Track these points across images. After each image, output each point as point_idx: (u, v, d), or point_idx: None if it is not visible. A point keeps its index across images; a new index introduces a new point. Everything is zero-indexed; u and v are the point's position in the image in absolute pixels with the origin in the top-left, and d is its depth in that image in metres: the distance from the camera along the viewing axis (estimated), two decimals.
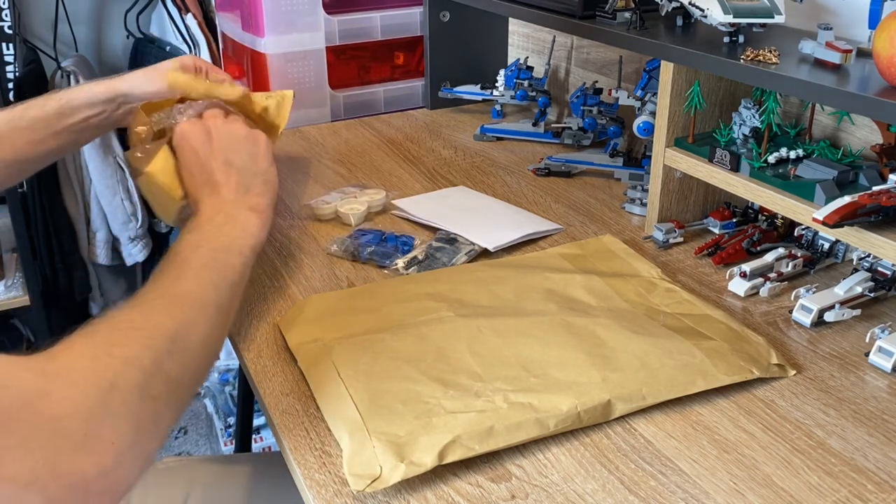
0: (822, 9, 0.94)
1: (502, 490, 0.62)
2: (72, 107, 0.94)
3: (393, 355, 0.73)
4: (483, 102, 1.47)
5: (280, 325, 0.81)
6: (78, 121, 0.95)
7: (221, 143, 0.85)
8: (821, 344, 0.79)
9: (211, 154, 0.84)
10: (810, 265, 0.92)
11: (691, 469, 0.63)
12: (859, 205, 0.75)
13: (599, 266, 0.90)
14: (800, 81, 0.78)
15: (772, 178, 0.86)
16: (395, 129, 1.40)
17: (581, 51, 1.40)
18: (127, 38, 2.21)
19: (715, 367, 0.72)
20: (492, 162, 1.26)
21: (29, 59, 2.02)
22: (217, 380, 2.09)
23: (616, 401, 0.68)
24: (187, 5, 1.95)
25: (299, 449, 0.66)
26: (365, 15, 1.44)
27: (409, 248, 0.96)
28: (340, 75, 1.47)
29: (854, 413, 0.70)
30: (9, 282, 2.03)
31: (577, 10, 1.04)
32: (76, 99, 0.95)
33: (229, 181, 0.83)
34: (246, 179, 0.84)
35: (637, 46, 0.96)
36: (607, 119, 1.23)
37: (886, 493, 0.61)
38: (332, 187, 1.15)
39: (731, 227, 0.98)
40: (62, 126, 0.94)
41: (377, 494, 0.61)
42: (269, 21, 1.37)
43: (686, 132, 0.97)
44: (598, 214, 1.08)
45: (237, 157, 0.85)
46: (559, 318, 0.79)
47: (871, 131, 0.93)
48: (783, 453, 0.65)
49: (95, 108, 0.96)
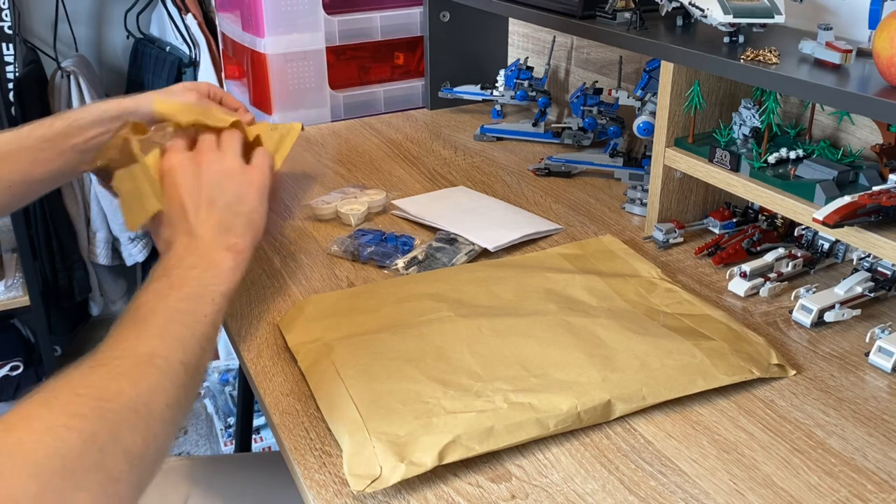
0: (822, 9, 0.94)
1: (502, 490, 0.62)
2: (79, 125, 0.92)
3: (393, 355, 0.73)
4: (483, 102, 1.47)
5: (280, 325, 0.81)
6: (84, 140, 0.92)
7: (210, 180, 0.80)
8: (821, 344, 0.79)
9: (196, 192, 0.79)
10: (810, 265, 0.92)
11: (691, 469, 0.63)
12: (859, 205, 0.75)
13: (599, 266, 0.90)
14: (800, 81, 0.78)
15: (772, 178, 0.86)
16: (395, 129, 1.40)
17: (581, 51, 1.40)
18: (127, 38, 2.21)
19: (715, 368, 0.72)
20: (492, 162, 1.26)
21: (29, 59, 2.02)
22: (217, 380, 2.09)
23: (616, 401, 0.68)
24: (187, 5, 1.95)
25: (299, 449, 0.66)
26: (365, 15, 1.44)
27: (409, 248, 0.96)
28: (340, 75, 1.48)
29: (854, 413, 0.70)
30: (9, 282, 2.03)
31: (577, 10, 1.04)
32: (83, 118, 0.92)
33: (209, 220, 0.78)
34: (228, 219, 0.79)
35: (637, 46, 0.96)
36: (607, 119, 1.23)
37: (886, 493, 0.61)
38: (332, 187, 1.15)
39: (731, 227, 0.98)
40: (68, 145, 0.91)
41: (377, 494, 0.61)
42: (269, 21, 1.37)
43: (686, 132, 0.97)
44: (598, 214, 1.08)
45: (223, 196, 0.80)
46: (559, 318, 0.79)
47: (871, 131, 0.93)
48: (783, 453, 0.65)
49: (103, 126, 0.93)
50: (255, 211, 0.81)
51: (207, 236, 0.77)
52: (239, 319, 0.84)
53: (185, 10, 1.95)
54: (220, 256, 0.76)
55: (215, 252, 0.76)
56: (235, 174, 0.82)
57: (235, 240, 0.78)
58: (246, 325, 0.83)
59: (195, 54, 1.97)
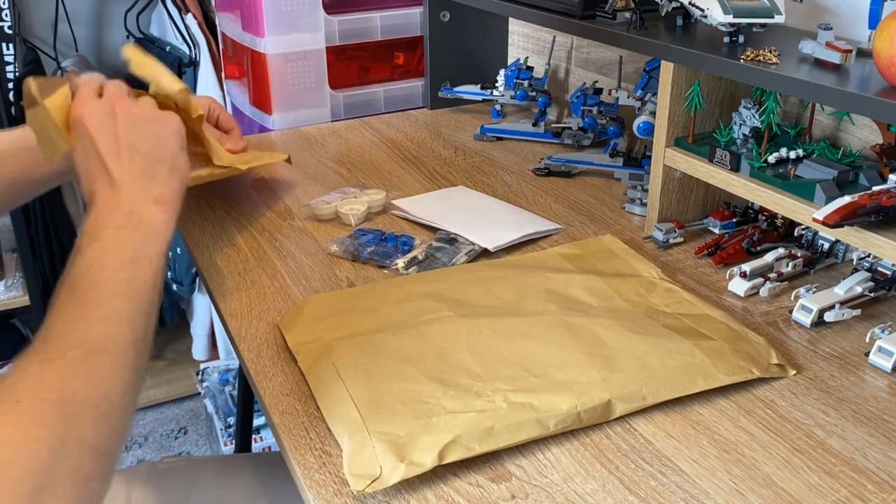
0: (822, 9, 0.94)
1: (502, 490, 0.62)
2: None
3: (393, 355, 0.73)
4: (483, 102, 1.47)
5: (280, 325, 0.81)
6: None
7: (126, 123, 0.76)
8: (821, 344, 0.79)
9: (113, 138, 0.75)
10: (810, 265, 0.92)
11: (691, 469, 0.63)
12: (859, 205, 0.75)
13: (599, 266, 0.90)
14: (800, 81, 0.78)
15: (772, 178, 0.86)
16: (395, 129, 1.40)
17: (581, 51, 1.40)
18: (127, 38, 2.21)
19: (715, 367, 0.72)
20: (492, 162, 1.26)
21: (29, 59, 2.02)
22: (217, 380, 2.09)
23: (616, 401, 0.68)
24: (187, 5, 1.95)
25: (299, 449, 0.66)
26: (365, 15, 1.44)
27: (409, 248, 0.96)
28: (340, 75, 1.48)
29: (854, 413, 0.70)
30: (9, 282, 2.03)
31: (577, 10, 1.04)
32: None
33: (132, 169, 0.74)
34: (151, 166, 0.75)
35: (637, 46, 0.96)
36: (607, 119, 1.23)
37: (886, 493, 0.61)
38: (332, 187, 1.15)
39: (731, 227, 0.98)
40: None
41: (377, 494, 0.61)
42: (269, 21, 1.37)
43: (686, 132, 0.97)
44: (598, 214, 1.08)
45: (143, 140, 0.76)
46: (559, 318, 0.79)
47: (871, 131, 0.93)
48: (783, 453, 0.65)
49: None
50: (177, 156, 0.78)
51: (132, 188, 0.73)
52: (239, 319, 0.84)
53: (185, 10, 1.95)
54: (149, 211, 0.72)
55: (143, 206, 0.72)
56: (153, 118, 0.78)
57: (162, 189, 0.74)
58: (246, 325, 0.83)
59: (195, 54, 1.97)
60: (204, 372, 2.13)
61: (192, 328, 2.19)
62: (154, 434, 2.21)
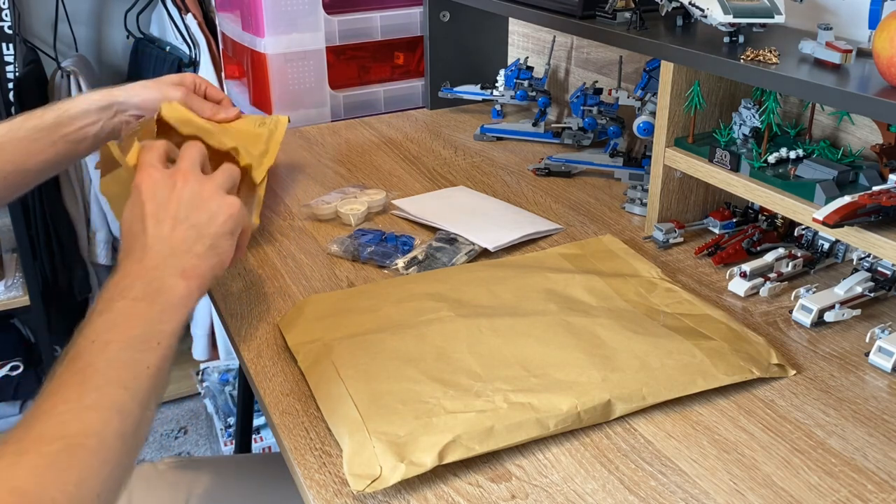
0: (822, 9, 0.94)
1: (502, 490, 0.62)
2: (69, 115, 0.93)
3: (393, 355, 0.73)
4: (483, 102, 1.47)
5: (280, 325, 0.81)
6: (75, 129, 0.94)
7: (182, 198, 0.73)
8: (821, 344, 0.79)
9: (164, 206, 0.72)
10: (810, 265, 0.92)
11: (691, 469, 0.63)
12: (859, 205, 0.75)
13: (599, 266, 0.90)
14: (800, 81, 0.78)
15: (772, 178, 0.86)
16: (395, 129, 1.40)
17: (581, 51, 1.40)
18: (127, 38, 2.21)
19: (715, 367, 0.72)
20: (492, 162, 1.26)
21: (29, 59, 2.02)
22: (217, 380, 2.09)
23: (616, 401, 0.68)
24: (187, 5, 1.95)
25: (299, 449, 0.66)
26: (365, 15, 1.44)
27: (409, 248, 0.96)
28: (340, 75, 1.48)
29: (854, 413, 0.70)
30: (9, 282, 2.03)
31: (577, 10, 1.04)
32: (73, 108, 0.94)
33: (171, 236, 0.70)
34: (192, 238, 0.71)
35: (637, 46, 0.96)
36: (607, 119, 1.23)
37: (886, 493, 0.61)
38: (332, 187, 1.15)
39: (731, 227, 0.98)
40: (59, 135, 0.92)
41: (377, 494, 0.61)
42: (269, 21, 1.37)
43: (686, 132, 0.97)
44: (598, 214, 1.08)
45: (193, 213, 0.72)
46: (559, 318, 0.79)
47: (871, 131, 0.93)
48: (783, 453, 0.65)
49: (91, 117, 0.95)
50: (222, 237, 0.73)
51: (163, 253, 0.69)
52: (239, 319, 0.84)
53: (185, 10, 1.95)
54: (171, 282, 0.68)
55: (167, 277, 0.68)
56: (213, 198, 0.74)
57: (194, 262, 0.70)
58: (246, 325, 0.83)
59: (195, 54, 1.97)
60: (204, 372, 2.13)
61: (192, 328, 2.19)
62: (154, 434, 2.21)
